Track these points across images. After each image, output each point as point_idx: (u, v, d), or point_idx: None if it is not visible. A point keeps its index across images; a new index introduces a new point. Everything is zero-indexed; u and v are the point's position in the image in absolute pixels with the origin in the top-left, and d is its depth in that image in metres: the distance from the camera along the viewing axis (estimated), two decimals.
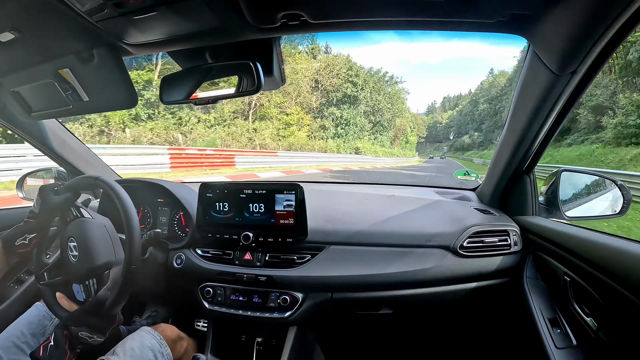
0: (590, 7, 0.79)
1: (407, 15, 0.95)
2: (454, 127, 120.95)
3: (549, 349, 1.19)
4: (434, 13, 0.92)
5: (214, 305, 1.50)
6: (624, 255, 0.95)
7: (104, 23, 0.93)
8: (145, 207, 1.78)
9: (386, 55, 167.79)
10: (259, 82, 1.08)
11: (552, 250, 1.31)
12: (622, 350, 0.95)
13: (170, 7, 0.86)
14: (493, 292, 1.53)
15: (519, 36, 1.02)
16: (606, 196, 1.45)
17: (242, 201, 1.49)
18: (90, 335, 1.04)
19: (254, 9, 0.90)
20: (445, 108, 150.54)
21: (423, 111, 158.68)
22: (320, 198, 1.85)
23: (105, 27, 0.96)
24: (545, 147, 1.42)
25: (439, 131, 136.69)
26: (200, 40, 1.10)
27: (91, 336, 1.04)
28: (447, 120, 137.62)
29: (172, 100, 1.24)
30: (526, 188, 1.57)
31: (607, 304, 0.99)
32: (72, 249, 1.08)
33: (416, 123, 78.16)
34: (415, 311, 1.61)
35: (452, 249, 1.47)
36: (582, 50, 0.92)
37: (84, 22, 0.91)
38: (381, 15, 0.96)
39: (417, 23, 1.00)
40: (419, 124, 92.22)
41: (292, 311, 1.45)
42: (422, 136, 40.16)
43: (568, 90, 1.12)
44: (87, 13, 0.87)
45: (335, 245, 1.50)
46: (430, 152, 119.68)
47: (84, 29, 0.95)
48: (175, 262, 1.57)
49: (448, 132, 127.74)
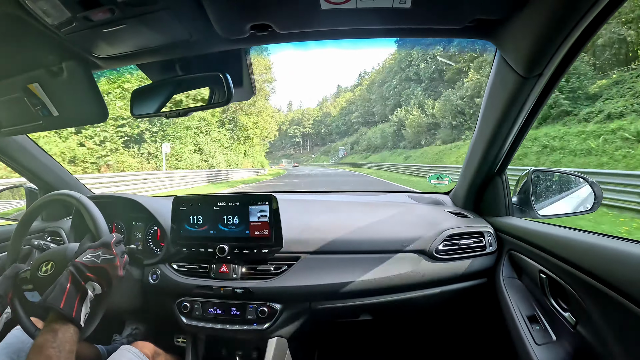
0: (554, 11, 0.84)
1: (375, 24, 0.99)
2: (359, 112, 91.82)
3: (529, 345, 1.23)
4: (401, 21, 0.96)
5: (191, 320, 1.51)
6: (596, 250, 1.01)
7: (73, 36, 0.95)
8: (119, 222, 1.79)
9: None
10: (230, 93, 1.12)
11: (527, 249, 1.37)
12: (601, 343, 0.98)
13: (139, 19, 0.90)
14: (471, 293, 1.59)
15: (486, 41, 1.08)
16: (577, 193, 1.53)
17: (216, 214, 1.51)
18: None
19: (222, 20, 0.94)
20: (340, 93, 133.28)
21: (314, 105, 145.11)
22: (294, 208, 1.88)
23: (74, 41, 0.98)
24: (515, 149, 1.50)
25: (330, 124, 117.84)
26: (170, 53, 1.13)
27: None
28: (345, 103, 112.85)
29: (142, 113, 1.27)
30: (499, 189, 1.64)
31: (584, 298, 1.04)
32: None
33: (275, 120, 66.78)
34: (395, 316, 1.65)
35: (428, 253, 1.53)
36: (548, 53, 0.98)
37: (53, 35, 0.93)
38: (348, 24, 1.00)
39: (385, 31, 1.05)
40: (276, 120, 77.49)
41: (270, 322, 1.47)
42: (266, 138, 30.44)
43: (535, 93, 1.18)
44: (56, 27, 0.89)
45: (311, 254, 1.54)
46: (317, 159, 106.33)
47: (53, 42, 0.97)
48: (150, 278, 1.58)
49: (346, 124, 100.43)
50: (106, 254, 1.09)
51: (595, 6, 0.80)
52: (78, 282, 1.00)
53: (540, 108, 1.29)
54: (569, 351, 1.17)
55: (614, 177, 8.50)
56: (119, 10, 0.84)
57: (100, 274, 1.06)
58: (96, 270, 1.05)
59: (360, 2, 0.87)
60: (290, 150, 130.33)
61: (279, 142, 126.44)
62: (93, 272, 1.04)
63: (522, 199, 1.60)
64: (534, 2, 0.85)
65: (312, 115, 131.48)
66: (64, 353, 0.89)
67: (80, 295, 0.99)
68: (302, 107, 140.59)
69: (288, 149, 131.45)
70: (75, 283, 1.00)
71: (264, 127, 36.51)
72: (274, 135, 41.25)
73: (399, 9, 0.88)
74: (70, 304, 0.96)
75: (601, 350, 0.98)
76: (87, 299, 1.01)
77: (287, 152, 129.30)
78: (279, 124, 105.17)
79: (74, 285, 0.99)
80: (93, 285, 1.04)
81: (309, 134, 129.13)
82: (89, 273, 1.03)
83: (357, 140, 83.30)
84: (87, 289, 1.01)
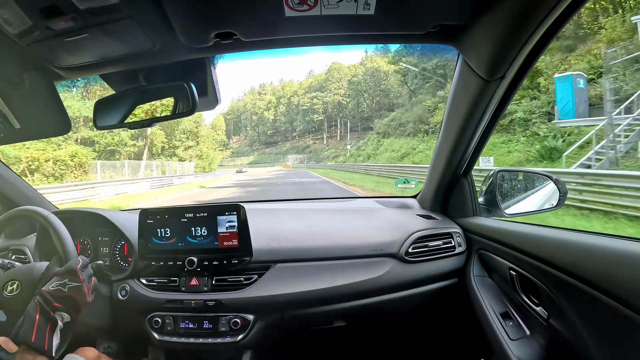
0: (514, 16, 0.90)
1: (340, 30, 1.04)
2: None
3: (504, 341, 1.28)
4: (365, 27, 1.01)
5: (163, 335, 1.51)
6: (563, 245, 1.07)
7: (34, 46, 0.96)
8: (85, 238, 1.77)
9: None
10: (194, 103, 1.15)
11: (496, 248, 1.44)
12: (574, 334, 1.03)
13: (102, 28, 0.91)
14: (444, 293, 1.64)
15: (449, 46, 1.14)
16: (542, 191, 1.62)
17: (184, 225, 1.52)
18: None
19: (187, 29, 0.97)
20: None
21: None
22: (262, 217, 1.91)
23: (36, 50, 0.99)
24: (480, 151, 1.58)
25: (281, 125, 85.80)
26: (133, 62, 1.15)
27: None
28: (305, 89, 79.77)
29: (106, 125, 1.28)
30: (465, 191, 1.72)
31: (554, 292, 1.08)
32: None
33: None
34: (370, 321, 1.69)
35: (398, 256, 1.58)
36: (509, 56, 1.04)
37: (14, 45, 0.94)
38: (313, 32, 1.05)
39: (349, 37, 1.10)
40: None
41: (244, 334, 1.49)
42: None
43: (498, 95, 1.25)
44: (17, 36, 0.90)
45: (281, 263, 1.57)
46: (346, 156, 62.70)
47: (13, 52, 0.98)
48: (119, 294, 1.57)
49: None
50: (73, 281, 1.09)
51: (555, 10, 0.85)
52: (47, 312, 1.01)
53: (503, 110, 1.37)
54: (542, 344, 1.23)
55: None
56: (81, 19, 0.86)
57: (68, 302, 1.07)
58: (64, 300, 1.06)
59: (324, 9, 0.90)
60: (307, 140, 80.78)
61: (287, 124, 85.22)
62: (61, 302, 1.05)
63: (489, 199, 1.68)
64: (494, 8, 0.90)
65: (347, 74, 73.25)
66: None
67: (50, 325, 1.00)
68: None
69: (303, 137, 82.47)
70: (43, 314, 1.01)
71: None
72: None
73: (363, 16, 0.92)
74: (41, 337, 0.97)
75: (574, 341, 1.03)
76: (57, 328, 1.02)
77: (301, 141, 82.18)
78: (284, 95, 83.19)
79: (42, 317, 1.00)
80: (62, 315, 1.05)
81: (339, 107, 71.52)
82: (56, 303, 1.04)
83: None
84: (57, 318, 1.02)
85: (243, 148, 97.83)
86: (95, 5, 0.82)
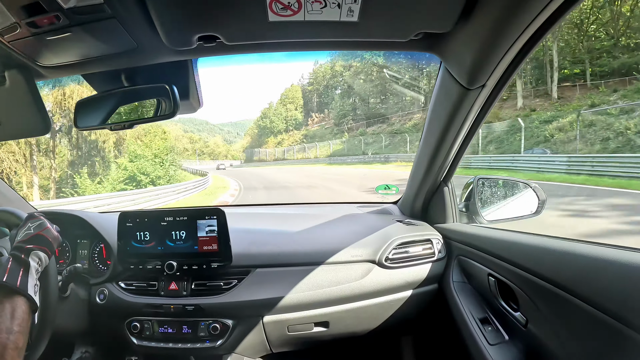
0: (496, 25, 0.92)
1: (323, 36, 1.06)
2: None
3: (482, 346, 1.31)
4: (348, 34, 1.03)
5: (142, 340, 1.52)
6: (542, 252, 1.11)
7: (16, 43, 0.97)
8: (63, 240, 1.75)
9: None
10: (176, 105, 1.18)
11: (475, 254, 1.48)
12: (552, 339, 1.06)
13: (85, 27, 0.92)
14: (424, 299, 1.68)
15: (431, 54, 1.17)
16: (522, 198, 1.68)
17: (164, 229, 1.53)
18: None
19: (169, 31, 0.97)
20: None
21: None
22: (242, 221, 1.93)
23: (18, 48, 1.00)
24: (460, 158, 1.62)
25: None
26: (116, 63, 1.16)
27: None
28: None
29: (87, 125, 1.30)
30: (445, 197, 1.77)
31: (533, 298, 1.11)
32: None
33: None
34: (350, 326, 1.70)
35: (378, 262, 1.61)
36: (491, 65, 1.07)
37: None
38: (296, 37, 1.07)
39: (333, 43, 1.12)
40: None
41: (223, 339, 1.50)
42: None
43: (479, 103, 1.30)
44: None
45: (261, 267, 1.58)
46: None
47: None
48: (98, 298, 1.57)
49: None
50: (34, 222, 1.14)
51: (536, 20, 0.88)
52: (19, 258, 1.03)
53: (484, 118, 1.41)
54: (521, 349, 1.26)
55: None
56: (65, 18, 0.87)
57: (40, 241, 1.10)
58: (34, 239, 1.09)
59: (308, 14, 0.91)
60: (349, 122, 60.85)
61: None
62: (32, 242, 1.08)
63: (469, 205, 1.74)
64: (476, 17, 0.93)
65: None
66: (16, 324, 0.92)
67: (23, 268, 1.02)
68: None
69: (339, 119, 63.86)
70: (16, 260, 1.02)
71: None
72: None
73: (347, 22, 0.93)
74: (13, 276, 0.98)
75: (551, 345, 1.06)
76: (32, 269, 1.03)
77: (339, 125, 62.71)
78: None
79: (15, 262, 1.02)
80: (38, 255, 1.07)
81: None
82: (28, 245, 1.07)
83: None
84: (30, 262, 1.04)
85: (323, 130, 68.67)
86: (80, 5, 0.84)
